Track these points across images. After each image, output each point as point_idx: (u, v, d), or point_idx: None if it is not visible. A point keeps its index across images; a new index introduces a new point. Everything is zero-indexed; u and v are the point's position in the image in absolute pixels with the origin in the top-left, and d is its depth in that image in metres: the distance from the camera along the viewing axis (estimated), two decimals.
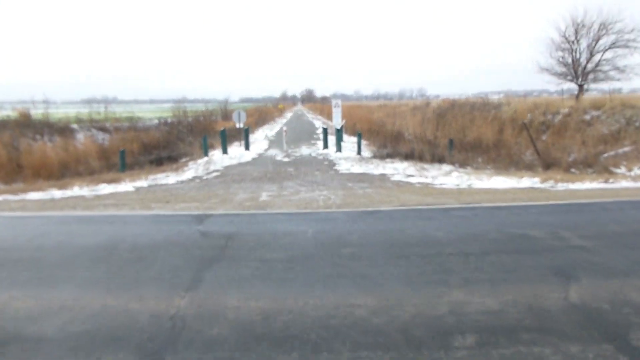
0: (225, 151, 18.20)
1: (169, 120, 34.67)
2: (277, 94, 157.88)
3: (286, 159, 16.15)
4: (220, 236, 5.95)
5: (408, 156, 15.63)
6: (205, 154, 18.01)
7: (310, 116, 59.23)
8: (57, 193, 9.72)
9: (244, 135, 20.13)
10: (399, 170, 12.44)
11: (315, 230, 6.13)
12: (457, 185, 9.87)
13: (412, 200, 8.16)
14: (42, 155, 16.78)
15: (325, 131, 19.97)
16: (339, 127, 19.93)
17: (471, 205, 7.54)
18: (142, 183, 10.90)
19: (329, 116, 48.21)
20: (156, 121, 33.44)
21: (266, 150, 19.95)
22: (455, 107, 31.91)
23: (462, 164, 14.98)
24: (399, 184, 10.24)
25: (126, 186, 10.39)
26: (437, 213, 7.05)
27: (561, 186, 9.49)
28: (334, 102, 27.12)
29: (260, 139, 26.48)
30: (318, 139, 25.08)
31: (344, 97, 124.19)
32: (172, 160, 19.11)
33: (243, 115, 21.40)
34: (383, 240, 5.59)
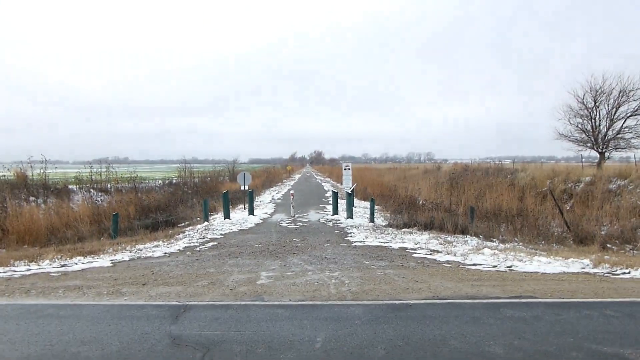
0: (227, 216, 16.81)
1: (174, 181, 33.76)
2: (286, 155, 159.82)
3: (292, 226, 14.68)
4: (196, 346, 4.37)
5: (427, 226, 14.12)
6: (206, 218, 16.62)
7: (319, 178, 58.38)
8: (20, 269, 8.24)
9: (248, 199, 18.83)
10: (420, 243, 10.88)
11: (326, 339, 4.53)
12: (495, 267, 8.25)
13: (446, 288, 6.56)
14: (29, 220, 15.56)
15: (335, 195, 18.60)
16: (349, 191, 18.61)
17: (524, 300, 5.91)
18: (124, 256, 9.41)
19: (337, 178, 47.36)
20: (160, 182, 32.53)
21: (272, 214, 18.52)
22: (468, 172, 30.77)
23: (487, 236, 13.45)
24: (424, 262, 8.64)
25: (103, 261, 8.89)
26: (483, 311, 5.42)
27: (621, 272, 7.84)
28: (344, 165, 26.11)
29: (266, 201, 25.18)
30: (327, 202, 23.72)
31: (352, 160, 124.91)
32: (170, 225, 17.72)
33: (248, 177, 20.28)
34: None
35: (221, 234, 12.96)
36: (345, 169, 25.41)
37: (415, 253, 9.64)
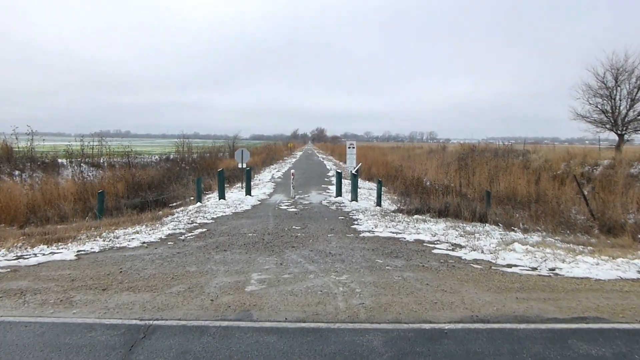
0: (222, 196, 15.41)
1: (172, 156, 32.26)
2: (288, 132, 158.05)
3: (292, 209, 13.30)
4: None
5: (442, 213, 12.70)
6: (198, 199, 15.22)
7: (321, 156, 56.83)
8: None
9: (245, 178, 17.40)
10: (437, 234, 9.48)
11: None
12: (535, 269, 6.84)
13: (486, 303, 5.16)
14: (7, 196, 14.19)
15: (339, 176, 17.13)
16: (354, 172, 17.13)
17: (593, 326, 4.50)
18: (94, 245, 8.02)
19: (340, 157, 45.80)
20: (157, 157, 31.03)
21: (270, 195, 17.13)
22: (476, 153, 29.26)
23: (506, 224, 12.06)
24: (447, 261, 7.24)
25: (68, 252, 7.50)
26: (547, 345, 4.02)
27: None
28: (348, 143, 24.56)
29: (265, 180, 23.78)
30: (330, 182, 22.30)
31: (354, 138, 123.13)
32: (160, 205, 16.37)
33: (246, 154, 18.78)
34: None
35: (212, 218, 11.57)
36: (349, 148, 23.89)
37: (435, 248, 8.24)
